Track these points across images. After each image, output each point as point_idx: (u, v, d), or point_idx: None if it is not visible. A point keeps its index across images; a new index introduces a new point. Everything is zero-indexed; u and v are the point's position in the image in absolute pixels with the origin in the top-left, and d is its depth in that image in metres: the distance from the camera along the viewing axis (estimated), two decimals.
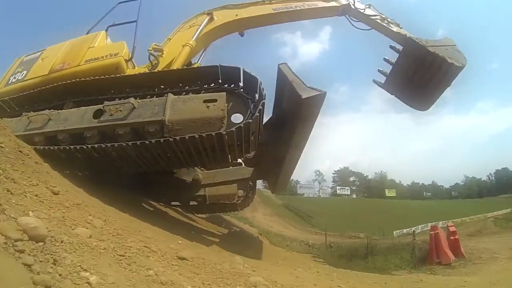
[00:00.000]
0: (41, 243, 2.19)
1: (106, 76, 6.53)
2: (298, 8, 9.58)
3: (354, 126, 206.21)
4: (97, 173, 6.39)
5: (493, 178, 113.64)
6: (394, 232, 38.67)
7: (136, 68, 7.64)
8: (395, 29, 9.36)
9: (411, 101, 9.71)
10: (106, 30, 8.38)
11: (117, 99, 6.33)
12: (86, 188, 5.17)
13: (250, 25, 9.94)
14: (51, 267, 2.04)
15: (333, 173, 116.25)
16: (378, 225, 39.61)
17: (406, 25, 9.72)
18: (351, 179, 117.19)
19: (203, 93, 6.17)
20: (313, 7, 9.73)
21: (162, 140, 5.25)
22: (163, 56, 8.46)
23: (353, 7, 9.78)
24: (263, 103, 5.51)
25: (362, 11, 9.73)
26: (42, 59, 8.04)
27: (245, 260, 5.14)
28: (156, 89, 6.54)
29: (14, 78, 7.93)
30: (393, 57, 9.30)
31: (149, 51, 8.33)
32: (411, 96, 9.52)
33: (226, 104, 5.52)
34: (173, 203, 9.40)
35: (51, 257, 2.14)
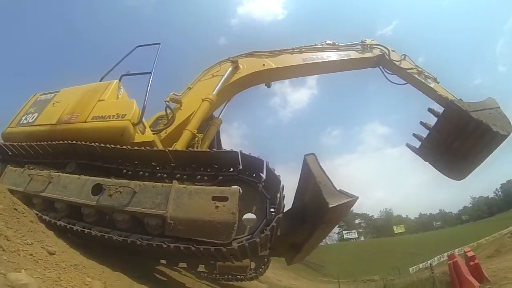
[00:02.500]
0: None
1: (111, 147, 5.89)
2: (330, 59, 8.90)
3: (351, 167, 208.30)
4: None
5: (500, 193, 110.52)
6: (410, 268, 37.51)
7: (145, 135, 6.79)
8: (433, 85, 8.64)
9: (448, 171, 8.72)
10: (120, 79, 7.71)
11: (124, 170, 6.00)
12: (84, 250, 4.89)
13: (278, 77, 9.35)
14: None
15: None
16: (392, 265, 38.36)
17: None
18: (357, 221, 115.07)
19: (215, 183, 5.51)
20: (346, 58, 9.02)
21: (162, 243, 4.77)
22: (181, 109, 8.05)
23: (388, 58, 9.06)
24: (279, 218, 4.82)
25: (397, 63, 8.96)
26: (53, 104, 7.48)
27: None
28: (166, 166, 5.92)
29: (25, 119, 7.47)
30: (425, 115, 8.46)
31: (166, 102, 7.94)
32: (448, 165, 8.59)
33: (237, 204, 4.84)
34: (179, 265, 8.94)
35: None
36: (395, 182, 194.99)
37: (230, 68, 8.33)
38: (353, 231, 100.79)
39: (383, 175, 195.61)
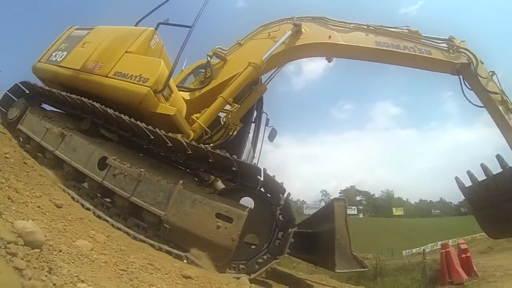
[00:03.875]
0: (37, 250, 2.05)
1: (128, 120, 5.41)
2: (406, 52, 7.53)
3: (359, 144, 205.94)
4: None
5: None
6: (403, 251, 38.09)
7: (166, 106, 6.00)
8: None
9: (486, 224, 7.52)
10: (156, 28, 6.91)
11: (137, 142, 5.75)
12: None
13: (341, 54, 7.97)
14: (46, 276, 1.90)
15: (340, 193, 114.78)
16: (386, 245, 38.96)
17: None
18: (358, 198, 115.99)
19: (227, 190, 5.40)
20: (425, 55, 7.56)
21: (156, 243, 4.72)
22: (224, 67, 7.33)
23: (473, 70, 7.30)
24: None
25: (483, 81, 7.26)
26: (84, 44, 7.00)
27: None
28: (180, 154, 5.52)
29: (55, 56, 7.11)
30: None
31: (209, 56, 7.31)
32: (490, 220, 7.29)
33: (241, 230, 4.59)
34: None
35: (47, 265, 2.01)
36: (400, 163, 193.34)
37: (290, 32, 7.27)
38: (353, 207, 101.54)
39: (389, 155, 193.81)
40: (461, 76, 7.59)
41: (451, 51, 7.57)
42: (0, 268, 1.70)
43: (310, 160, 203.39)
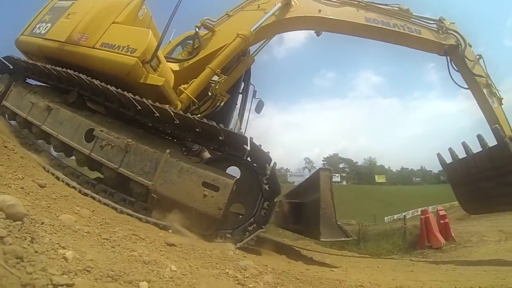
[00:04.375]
0: (18, 222, 2.03)
1: (115, 91, 5.36)
2: (396, 30, 7.61)
3: (341, 112, 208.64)
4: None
5: None
6: (385, 218, 39.30)
7: (154, 76, 5.93)
8: (495, 106, 7.43)
9: (464, 200, 8.00)
10: None
11: (124, 113, 5.67)
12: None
13: (330, 28, 7.98)
14: (28, 244, 1.89)
15: (323, 160, 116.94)
16: (369, 212, 40.11)
17: None
18: (341, 165, 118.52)
19: (214, 159, 5.41)
20: (414, 34, 7.67)
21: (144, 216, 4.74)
22: (212, 38, 7.23)
23: (460, 52, 7.56)
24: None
25: (469, 64, 7.55)
26: (68, 14, 6.76)
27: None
28: (167, 124, 5.49)
29: (39, 29, 6.87)
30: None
31: (197, 27, 7.18)
32: (467, 196, 7.77)
33: (227, 198, 4.62)
34: None
35: (29, 236, 1.99)
36: (382, 132, 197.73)
37: (280, 4, 7.24)
38: (337, 174, 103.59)
39: (372, 123, 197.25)
40: (448, 57, 7.81)
41: (440, 32, 7.76)
42: None
43: (293, 128, 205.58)
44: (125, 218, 4.41)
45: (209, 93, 6.97)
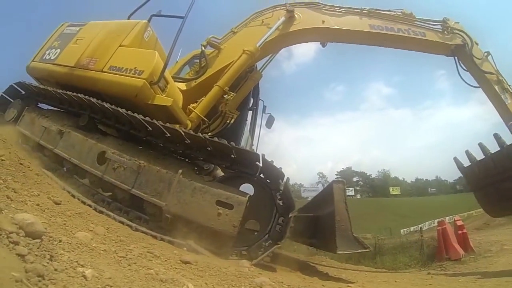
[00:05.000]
0: (37, 240, 2.09)
1: (125, 113, 5.44)
2: (401, 34, 7.56)
3: (353, 125, 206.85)
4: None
5: None
6: (401, 230, 38.52)
7: (162, 97, 5.97)
8: (509, 102, 7.09)
9: (486, 203, 7.54)
10: (149, 20, 6.85)
11: (135, 135, 5.77)
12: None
13: (336, 39, 7.97)
14: (47, 262, 1.94)
15: (336, 174, 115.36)
16: (384, 225, 39.43)
17: None
18: (355, 179, 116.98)
19: (226, 177, 5.45)
20: (419, 37, 7.60)
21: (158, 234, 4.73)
22: (219, 56, 7.30)
23: (467, 51, 7.41)
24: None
25: (478, 61, 7.37)
26: (77, 40, 6.95)
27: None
28: (178, 144, 5.52)
29: (48, 55, 7.10)
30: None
31: (203, 46, 7.28)
32: (489, 199, 7.31)
33: (242, 216, 4.60)
34: None
35: (48, 253, 2.04)
36: (395, 143, 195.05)
37: (284, 18, 7.32)
38: (350, 188, 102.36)
39: (384, 135, 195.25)
40: (456, 58, 7.65)
41: (445, 32, 7.66)
42: (3, 254, 1.75)
43: (305, 142, 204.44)
44: (140, 236, 4.45)
45: (219, 111, 7.03)
